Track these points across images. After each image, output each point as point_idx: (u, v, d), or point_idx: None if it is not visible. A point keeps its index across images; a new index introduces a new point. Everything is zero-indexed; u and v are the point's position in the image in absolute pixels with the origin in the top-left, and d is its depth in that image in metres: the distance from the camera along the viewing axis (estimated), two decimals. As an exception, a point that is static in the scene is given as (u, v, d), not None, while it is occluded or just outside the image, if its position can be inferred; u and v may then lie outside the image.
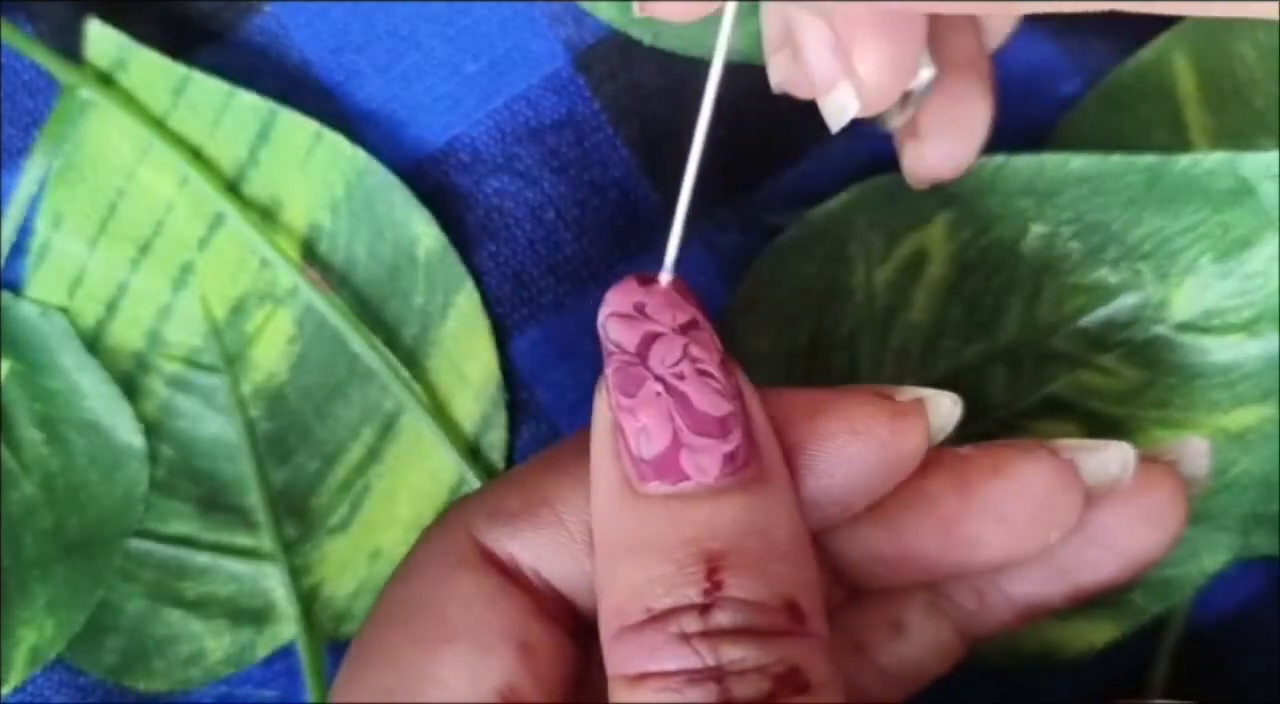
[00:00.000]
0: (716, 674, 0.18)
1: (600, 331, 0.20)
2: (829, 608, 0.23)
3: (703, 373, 0.19)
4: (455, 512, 0.21)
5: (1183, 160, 0.25)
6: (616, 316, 0.20)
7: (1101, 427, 0.26)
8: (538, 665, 0.20)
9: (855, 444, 0.20)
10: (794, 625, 0.19)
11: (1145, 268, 0.25)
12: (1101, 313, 0.26)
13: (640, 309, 0.20)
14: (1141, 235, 0.25)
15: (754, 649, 0.18)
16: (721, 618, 0.18)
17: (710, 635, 0.18)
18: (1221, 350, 0.25)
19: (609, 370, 0.20)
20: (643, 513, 0.19)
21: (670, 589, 0.19)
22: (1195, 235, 0.25)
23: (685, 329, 0.20)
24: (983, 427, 0.26)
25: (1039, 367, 0.26)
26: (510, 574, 0.20)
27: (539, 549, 0.20)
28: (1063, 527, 0.22)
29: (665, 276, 0.20)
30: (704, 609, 0.18)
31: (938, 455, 0.22)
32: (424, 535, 0.21)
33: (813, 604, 0.19)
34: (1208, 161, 0.25)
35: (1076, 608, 0.24)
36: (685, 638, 0.18)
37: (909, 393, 0.21)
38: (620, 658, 0.19)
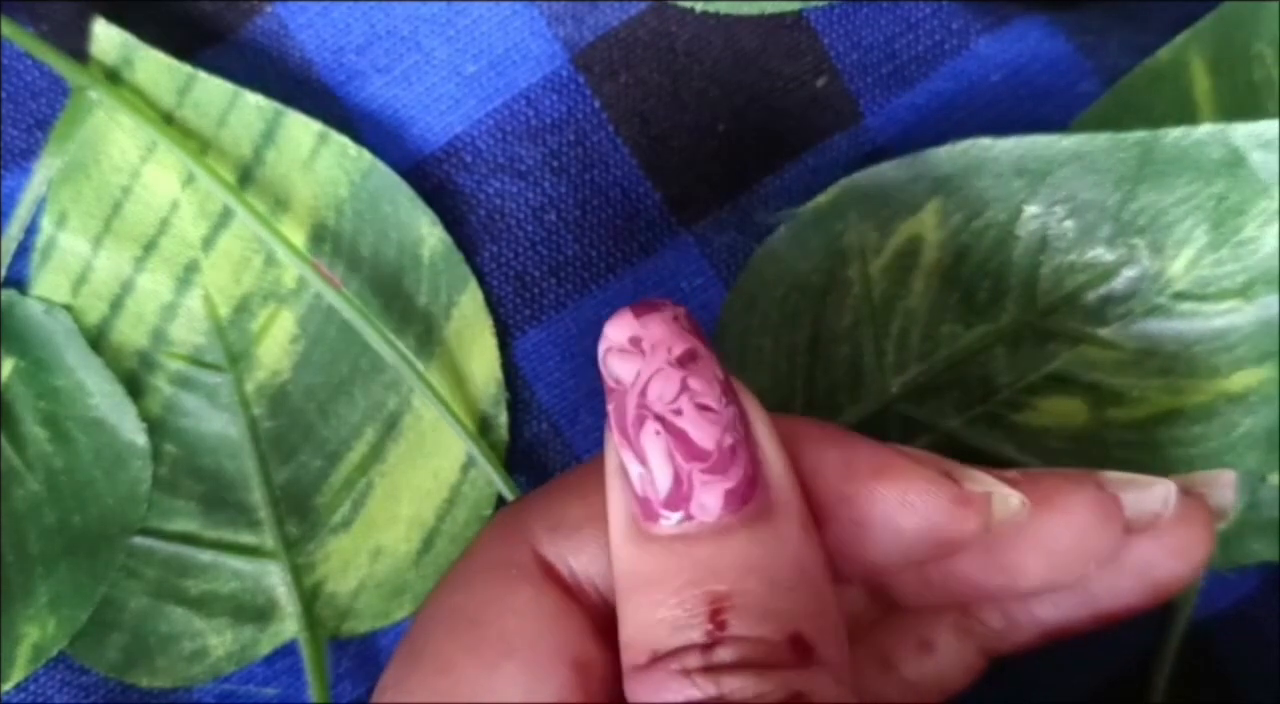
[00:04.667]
0: (718, 702, 0.18)
1: (600, 366, 0.19)
2: (861, 624, 0.23)
3: (702, 407, 0.19)
4: (512, 520, 0.21)
5: (1173, 133, 0.25)
6: (614, 351, 0.19)
7: (1105, 398, 0.26)
8: (590, 684, 0.20)
9: (904, 517, 0.20)
10: (798, 659, 0.19)
11: (1141, 243, 0.25)
12: (1099, 290, 0.26)
13: (636, 343, 0.19)
14: (1135, 211, 0.25)
15: (755, 679, 0.18)
16: (723, 654, 0.18)
17: (712, 670, 0.18)
18: (1218, 316, 0.25)
19: (609, 408, 0.19)
20: (650, 552, 0.19)
21: (674, 631, 0.19)
22: (1189, 208, 0.25)
23: (684, 361, 0.19)
24: (988, 407, 0.26)
25: (1040, 345, 0.26)
26: (569, 589, 0.20)
27: (600, 563, 0.20)
28: (1102, 558, 0.22)
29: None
30: (706, 648, 0.18)
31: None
32: (480, 542, 0.21)
33: (823, 631, 0.19)
34: (1198, 133, 0.25)
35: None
36: (688, 673, 0.18)
37: (980, 483, 0.21)
38: (632, 692, 0.19)
